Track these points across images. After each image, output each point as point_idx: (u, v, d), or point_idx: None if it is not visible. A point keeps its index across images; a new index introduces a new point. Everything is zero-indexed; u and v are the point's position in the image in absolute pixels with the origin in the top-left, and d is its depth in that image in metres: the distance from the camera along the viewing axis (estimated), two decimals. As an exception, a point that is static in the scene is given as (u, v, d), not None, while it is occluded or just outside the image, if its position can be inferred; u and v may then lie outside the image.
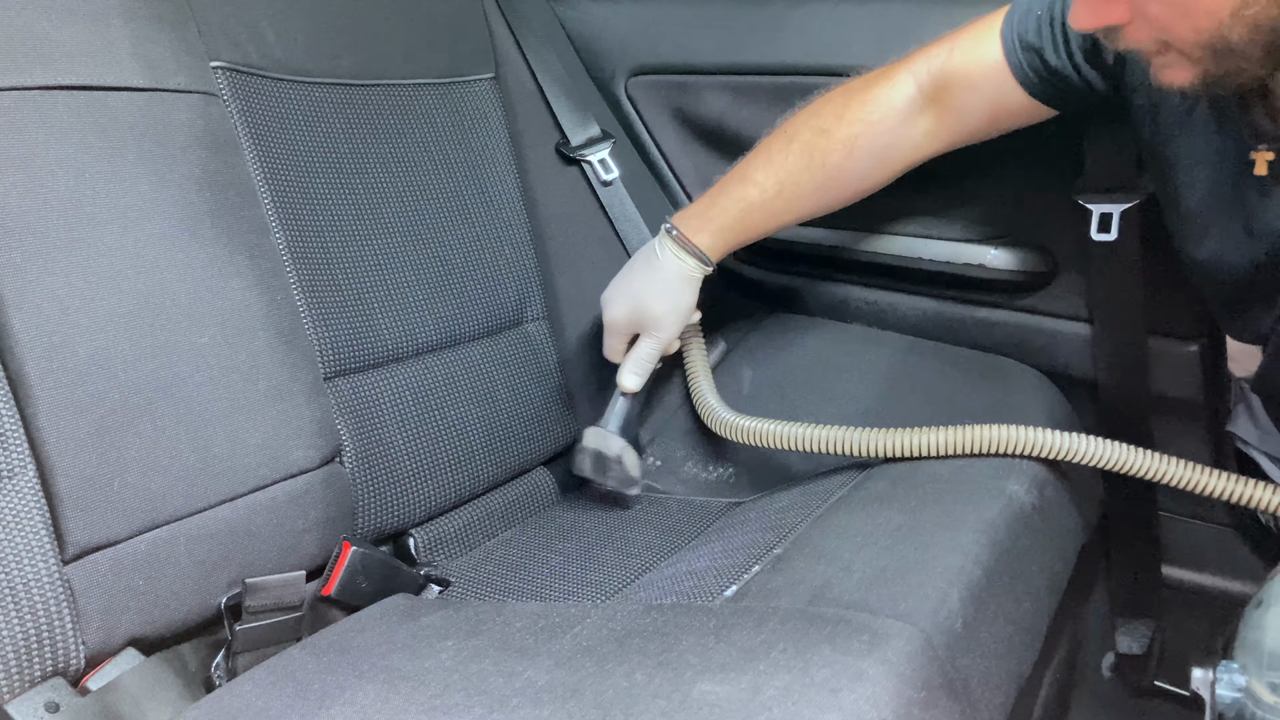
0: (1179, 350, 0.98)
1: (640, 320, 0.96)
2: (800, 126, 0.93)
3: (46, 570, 0.67)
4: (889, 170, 0.93)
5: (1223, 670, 0.59)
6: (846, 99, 0.92)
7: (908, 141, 0.91)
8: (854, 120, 0.91)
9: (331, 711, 0.60)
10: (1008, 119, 0.88)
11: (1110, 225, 0.92)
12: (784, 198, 0.93)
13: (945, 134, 0.91)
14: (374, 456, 0.89)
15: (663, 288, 0.96)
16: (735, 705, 0.54)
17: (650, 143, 1.22)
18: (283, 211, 0.87)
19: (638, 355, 0.97)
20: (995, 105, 0.87)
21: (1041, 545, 0.80)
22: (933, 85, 0.89)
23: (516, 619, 0.70)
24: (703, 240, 0.95)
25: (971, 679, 0.63)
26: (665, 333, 0.97)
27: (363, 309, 0.91)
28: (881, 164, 0.92)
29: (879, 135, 0.91)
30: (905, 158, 0.92)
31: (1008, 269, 1.04)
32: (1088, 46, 0.80)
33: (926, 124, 0.90)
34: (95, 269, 0.72)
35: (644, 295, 0.96)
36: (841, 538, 0.76)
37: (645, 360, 0.98)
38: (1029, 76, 0.84)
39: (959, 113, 0.89)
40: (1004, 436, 0.84)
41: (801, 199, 0.94)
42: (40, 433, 0.68)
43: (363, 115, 0.97)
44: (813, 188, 0.93)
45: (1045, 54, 0.82)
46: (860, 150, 0.91)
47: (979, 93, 0.87)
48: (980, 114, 0.89)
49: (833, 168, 0.92)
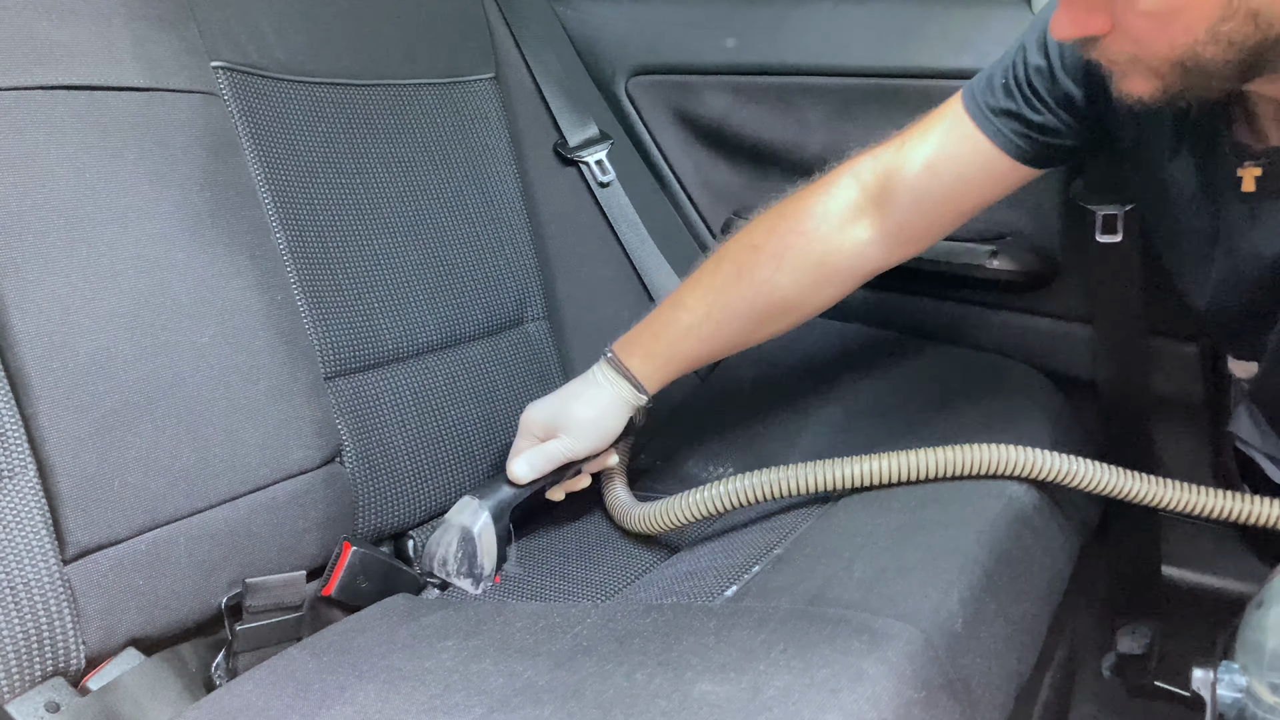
0: (1179, 350, 0.98)
1: (558, 424, 0.88)
2: (732, 245, 0.88)
3: (47, 570, 0.67)
4: (828, 286, 0.87)
5: (1223, 671, 0.59)
6: (781, 210, 0.87)
7: (848, 248, 0.85)
8: (786, 232, 0.86)
9: (332, 711, 0.60)
10: (974, 196, 0.84)
11: (1115, 226, 0.92)
12: (713, 321, 0.87)
13: (891, 235, 0.85)
14: (374, 456, 0.89)
15: (590, 399, 0.89)
16: (735, 705, 0.54)
17: (650, 143, 1.22)
18: (283, 211, 0.87)
19: (542, 449, 0.88)
20: (962, 184, 0.83)
21: (1041, 545, 0.80)
22: (878, 183, 0.84)
23: (517, 619, 0.70)
24: (636, 365, 0.88)
25: (971, 679, 0.63)
26: (579, 444, 0.87)
27: (363, 309, 0.92)
28: (816, 278, 0.86)
29: (812, 245, 0.85)
30: (845, 268, 0.86)
31: (1008, 269, 1.04)
32: (1060, 98, 0.79)
33: (869, 228, 0.85)
34: (96, 269, 0.72)
35: (569, 402, 0.89)
36: (841, 538, 0.76)
37: (546, 457, 0.88)
38: (1014, 142, 0.80)
39: (910, 206, 0.84)
40: (994, 458, 0.79)
41: (731, 322, 0.87)
42: (41, 432, 0.68)
43: (363, 115, 0.97)
44: (744, 307, 0.87)
45: (1024, 115, 0.79)
46: (791, 263, 0.85)
47: (939, 176, 0.82)
48: (939, 199, 0.83)
49: (762, 284, 0.85)
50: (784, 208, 0.87)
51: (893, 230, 0.85)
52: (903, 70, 1.05)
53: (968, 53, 1.01)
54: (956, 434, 0.86)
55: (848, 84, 1.08)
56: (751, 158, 1.18)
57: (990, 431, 0.86)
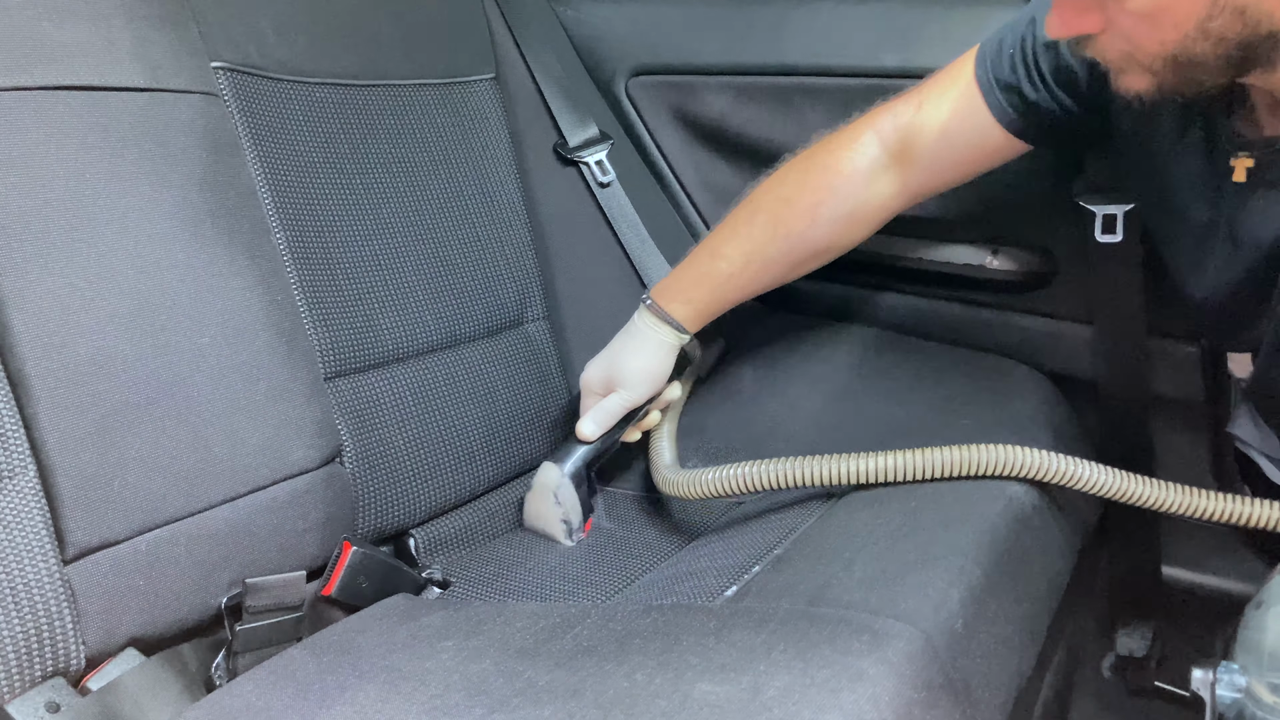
0: (1179, 350, 0.98)
1: (613, 378, 0.96)
2: (764, 196, 0.93)
3: (47, 570, 0.67)
4: (856, 232, 0.93)
5: (1223, 671, 0.59)
6: (809, 165, 0.92)
7: (874, 202, 0.91)
8: (817, 188, 0.91)
9: (332, 711, 0.60)
10: (983, 162, 0.88)
11: (1115, 226, 0.92)
12: (751, 269, 0.93)
13: (912, 189, 0.91)
14: (374, 456, 0.89)
15: (637, 348, 0.96)
16: (736, 705, 0.54)
17: (651, 143, 1.22)
18: (283, 212, 0.87)
19: (602, 405, 0.96)
20: (972, 151, 0.87)
21: (1041, 545, 0.80)
22: (899, 142, 0.89)
23: (517, 619, 0.70)
24: (676, 309, 0.95)
25: (972, 679, 0.63)
26: (634, 392, 0.95)
27: (363, 309, 0.92)
28: (847, 228, 0.92)
29: (843, 201, 0.91)
30: (871, 218, 0.92)
31: (1008, 269, 1.04)
32: (1064, 78, 0.81)
33: (891, 184, 0.90)
34: (96, 269, 0.72)
35: (619, 355, 0.96)
36: (842, 538, 0.76)
37: (608, 413, 0.95)
38: (1010, 115, 0.84)
39: (928, 167, 0.89)
40: (998, 458, 0.79)
41: (769, 269, 0.94)
42: (41, 433, 0.68)
43: (363, 115, 0.97)
44: (779, 256, 0.93)
45: (1023, 89, 0.82)
46: (824, 217, 0.91)
47: (952, 142, 0.87)
48: (953, 162, 0.89)
49: (797, 236, 0.92)
50: (812, 160, 0.92)
51: (913, 186, 0.90)
52: (903, 70, 1.05)
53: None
54: (957, 434, 0.86)
55: (848, 84, 1.08)
56: (751, 158, 1.18)
57: (990, 431, 0.86)
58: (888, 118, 0.89)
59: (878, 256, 1.12)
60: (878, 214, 0.92)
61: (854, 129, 0.91)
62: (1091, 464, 0.79)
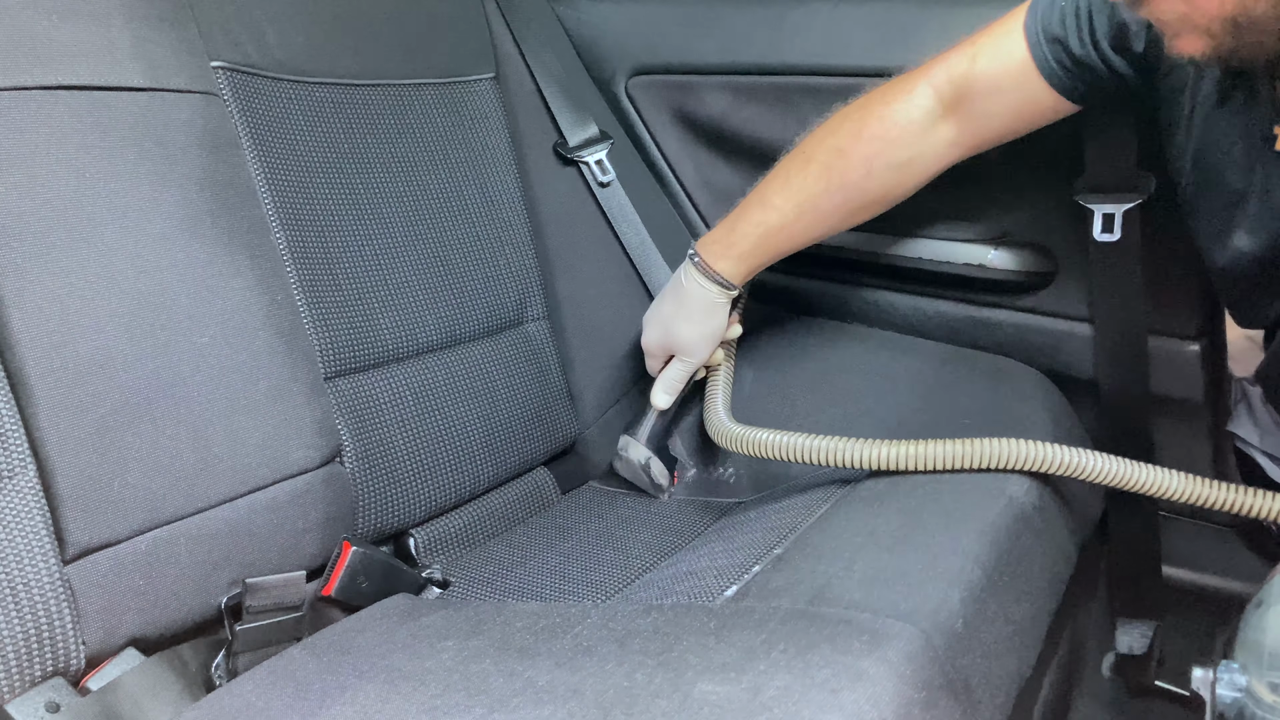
0: (1179, 350, 0.98)
1: (671, 344, 0.99)
2: (817, 146, 0.92)
3: (47, 570, 0.67)
4: (911, 183, 0.92)
5: (1223, 670, 0.59)
6: (863, 115, 0.91)
7: (929, 153, 0.90)
8: (871, 138, 0.90)
9: (332, 711, 0.60)
10: (1033, 117, 0.87)
11: (1114, 225, 0.92)
12: (804, 220, 0.93)
13: (967, 140, 0.90)
14: (374, 456, 0.89)
15: (688, 314, 0.97)
16: (736, 705, 0.54)
17: (651, 143, 1.22)
18: (283, 211, 0.87)
19: (668, 376, 1.00)
20: (1020, 105, 0.86)
21: (1042, 545, 0.80)
22: (954, 94, 0.88)
23: (517, 619, 0.70)
24: (724, 266, 0.95)
25: (972, 679, 0.63)
26: (695, 356, 0.99)
27: (363, 309, 0.91)
28: (902, 178, 0.92)
29: (898, 151, 0.90)
30: (927, 169, 0.92)
31: (1008, 269, 1.04)
32: (1114, 33, 0.79)
33: (947, 133, 0.89)
34: (95, 269, 0.72)
35: (672, 322, 0.98)
36: (842, 538, 0.76)
37: (675, 380, 1.00)
38: (1054, 70, 0.82)
39: (982, 119, 0.88)
40: (1007, 452, 0.81)
41: (822, 220, 0.93)
42: (40, 433, 0.68)
43: (363, 115, 0.97)
44: (833, 208, 0.92)
45: (1069, 44, 0.81)
46: (879, 167, 0.90)
47: (1003, 95, 0.86)
48: (1005, 117, 0.87)
49: (852, 186, 0.91)
50: (866, 110, 0.91)
51: (968, 136, 0.89)
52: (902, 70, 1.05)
53: (968, 53, 1.01)
54: (957, 434, 0.86)
55: (848, 84, 1.08)
56: (751, 158, 1.17)
57: (991, 431, 0.86)
58: (941, 69, 0.88)
59: (878, 256, 1.12)
60: (933, 164, 0.91)
61: (908, 79, 0.90)
62: (1097, 455, 0.80)
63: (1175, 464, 0.86)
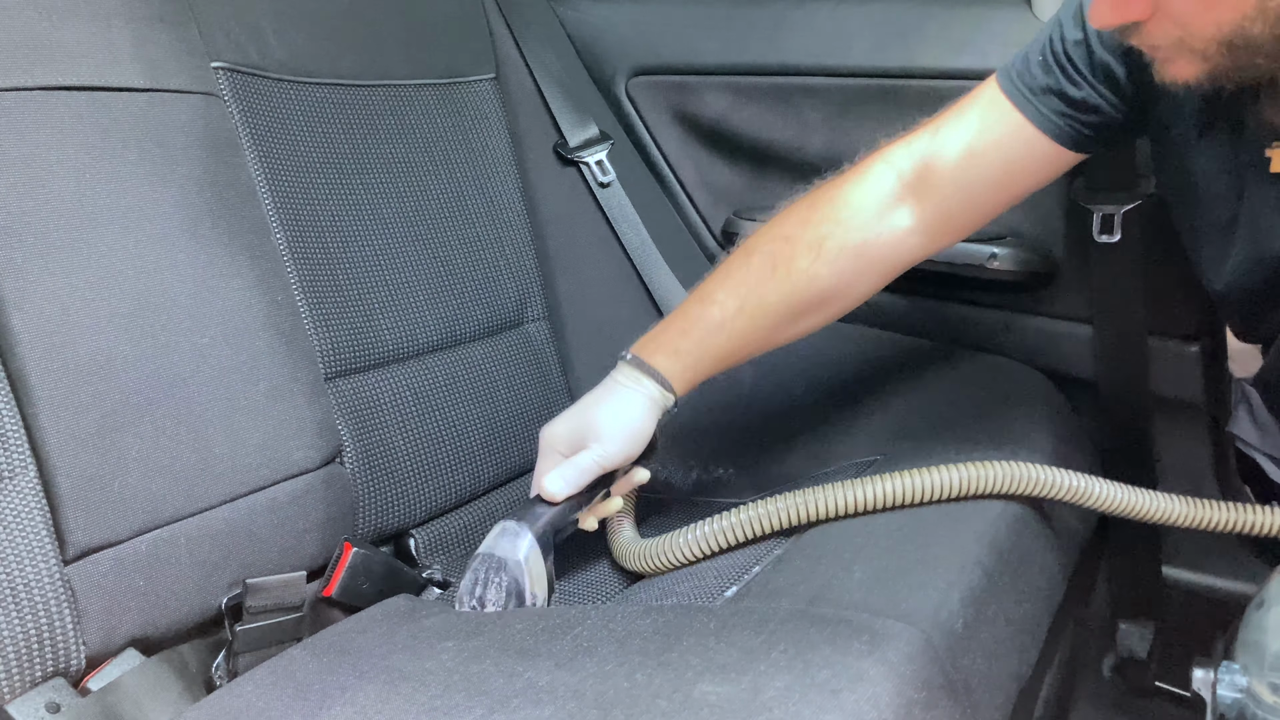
0: (1179, 350, 0.98)
1: (582, 433, 0.81)
2: (761, 238, 0.84)
3: (47, 570, 0.67)
4: (868, 274, 0.84)
5: (1224, 671, 0.59)
6: (812, 201, 0.83)
7: (887, 238, 0.82)
8: (821, 221, 0.82)
9: (332, 712, 0.59)
10: (1021, 184, 0.81)
11: (1113, 226, 0.92)
12: (747, 314, 0.82)
13: (931, 222, 0.82)
14: (374, 457, 0.89)
15: (613, 404, 0.82)
16: (736, 706, 0.54)
17: (651, 143, 1.22)
18: (283, 212, 0.87)
19: (572, 462, 0.80)
20: (1009, 170, 0.80)
21: (1042, 546, 0.80)
22: (915, 172, 0.81)
23: (517, 620, 0.70)
24: (661, 363, 0.82)
25: (972, 679, 0.63)
26: (609, 447, 0.80)
27: (363, 309, 0.91)
28: (857, 266, 0.83)
29: (851, 232, 0.81)
30: (884, 259, 0.83)
31: (1008, 269, 1.04)
32: (1101, 74, 0.76)
33: (908, 216, 0.82)
34: (96, 269, 0.72)
35: (591, 410, 0.82)
36: (842, 538, 0.76)
37: (579, 469, 0.79)
38: (1055, 123, 0.77)
39: (953, 199, 0.81)
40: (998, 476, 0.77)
41: (767, 315, 0.83)
42: (41, 433, 0.68)
43: (363, 116, 0.97)
44: (780, 300, 0.82)
45: (1065, 91, 0.76)
46: (830, 250, 0.81)
47: (983, 165, 0.79)
48: (984, 190, 0.81)
49: (799, 273, 0.81)
50: (814, 199, 0.84)
51: (933, 219, 0.82)
52: (903, 70, 1.05)
53: (968, 53, 1.01)
54: (957, 435, 0.86)
55: (848, 84, 1.08)
56: (751, 158, 1.18)
57: (991, 433, 0.86)
58: (900, 149, 0.82)
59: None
60: (892, 253, 0.83)
61: (862, 165, 0.83)
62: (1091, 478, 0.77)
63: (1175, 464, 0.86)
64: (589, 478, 0.80)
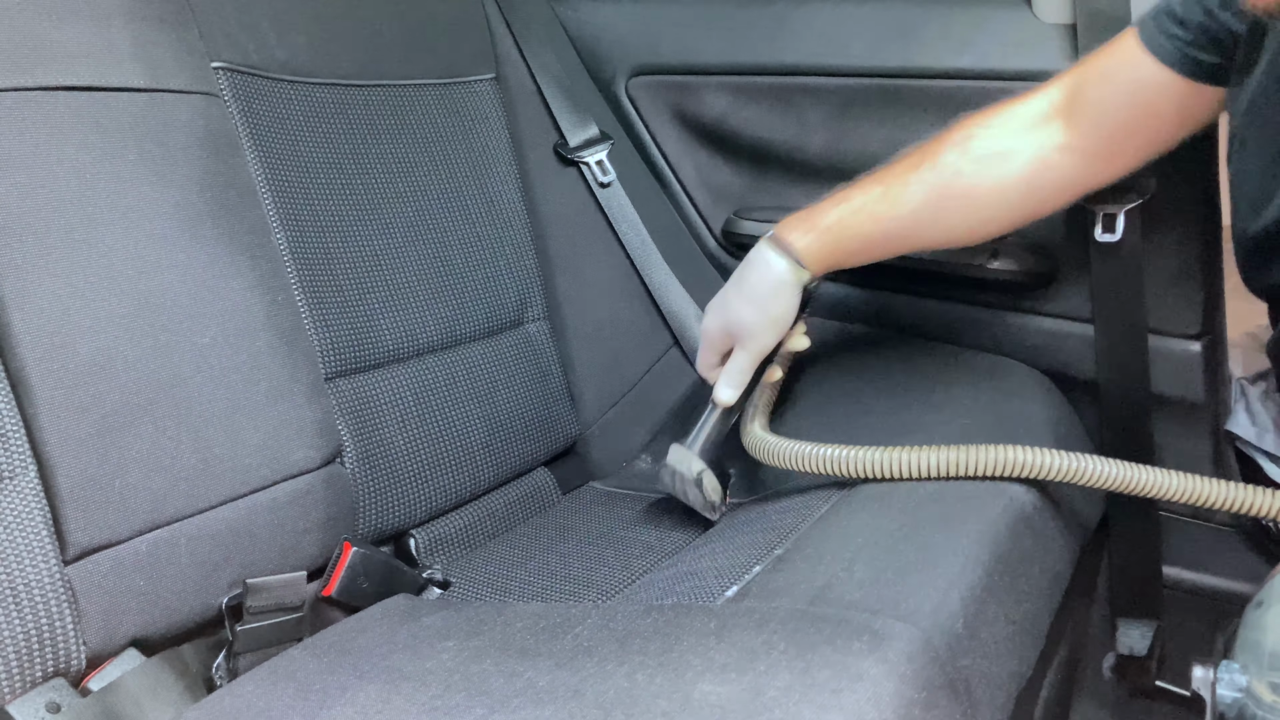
0: (1179, 350, 0.98)
1: (731, 332, 0.90)
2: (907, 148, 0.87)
3: (48, 571, 0.67)
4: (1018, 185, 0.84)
5: (1223, 670, 0.59)
6: (963, 122, 0.85)
7: (1035, 149, 0.83)
8: (972, 124, 0.84)
9: (332, 712, 0.60)
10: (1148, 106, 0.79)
11: (1114, 225, 0.92)
12: (889, 198, 0.85)
13: (1081, 142, 0.82)
14: (375, 457, 0.89)
15: (751, 293, 0.88)
16: (736, 705, 0.54)
17: (651, 143, 1.22)
18: (283, 212, 0.87)
19: (730, 368, 0.90)
20: (1133, 94, 0.79)
21: (1042, 545, 0.80)
22: (1066, 99, 0.82)
23: (517, 620, 0.70)
24: (797, 239, 0.86)
25: (972, 679, 0.63)
26: (756, 342, 0.89)
27: (363, 309, 0.92)
28: (1003, 173, 0.83)
29: (998, 138, 0.83)
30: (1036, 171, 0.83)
31: (1008, 269, 1.04)
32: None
33: (1058, 133, 0.82)
34: (96, 269, 0.72)
35: (734, 302, 0.89)
36: (842, 538, 0.75)
37: (738, 373, 0.90)
38: (1160, 42, 0.76)
39: (1095, 112, 0.81)
40: (1007, 459, 0.79)
41: (910, 200, 0.84)
42: (41, 433, 0.68)
43: (363, 116, 0.97)
44: (921, 187, 0.84)
45: (1175, 10, 0.75)
46: (975, 149, 0.83)
47: (1114, 83, 0.80)
48: (1118, 106, 0.80)
49: (944, 165, 0.83)
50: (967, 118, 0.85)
51: (1082, 143, 0.82)
52: (903, 70, 1.05)
53: (968, 53, 1.01)
54: (958, 435, 0.86)
55: (848, 84, 1.08)
56: (751, 158, 1.18)
57: (991, 432, 0.86)
58: (1055, 81, 0.83)
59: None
60: (1041, 167, 0.83)
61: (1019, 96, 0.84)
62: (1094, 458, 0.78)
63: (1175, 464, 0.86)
64: (749, 374, 0.91)
